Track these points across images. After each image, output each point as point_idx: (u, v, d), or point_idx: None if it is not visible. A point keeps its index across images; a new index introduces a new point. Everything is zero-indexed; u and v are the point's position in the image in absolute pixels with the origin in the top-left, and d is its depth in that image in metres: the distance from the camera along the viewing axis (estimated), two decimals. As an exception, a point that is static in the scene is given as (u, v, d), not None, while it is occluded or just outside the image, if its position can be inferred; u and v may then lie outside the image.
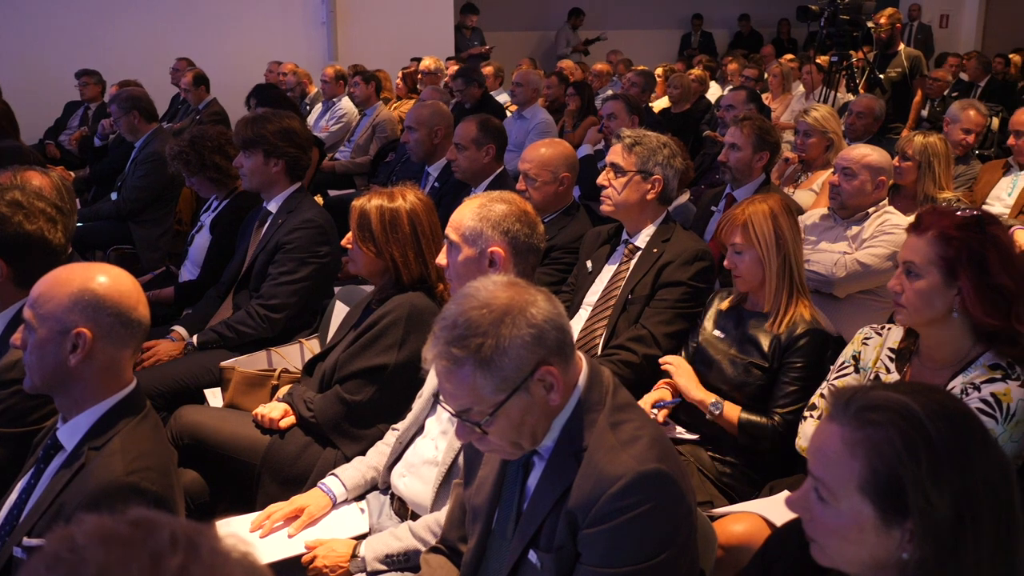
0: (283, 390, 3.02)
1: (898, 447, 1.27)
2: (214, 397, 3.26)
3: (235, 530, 2.41)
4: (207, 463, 2.88)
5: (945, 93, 8.93)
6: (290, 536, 2.42)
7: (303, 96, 9.19)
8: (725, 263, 2.89)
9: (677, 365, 2.89)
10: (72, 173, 6.41)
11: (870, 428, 1.30)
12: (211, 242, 4.13)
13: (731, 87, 8.17)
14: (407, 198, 2.82)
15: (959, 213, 2.24)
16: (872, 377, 2.45)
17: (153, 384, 3.23)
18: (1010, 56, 11.36)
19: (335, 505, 2.52)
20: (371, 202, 2.81)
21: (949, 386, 2.23)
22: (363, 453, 2.68)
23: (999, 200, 4.99)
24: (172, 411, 3.04)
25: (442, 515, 2.18)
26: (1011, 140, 5.02)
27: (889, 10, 7.73)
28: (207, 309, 3.78)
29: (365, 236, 2.79)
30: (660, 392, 2.90)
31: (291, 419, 2.85)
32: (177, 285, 4.16)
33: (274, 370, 3.20)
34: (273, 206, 3.69)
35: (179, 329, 3.62)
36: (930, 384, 2.15)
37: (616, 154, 3.28)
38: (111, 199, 5.68)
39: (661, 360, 2.93)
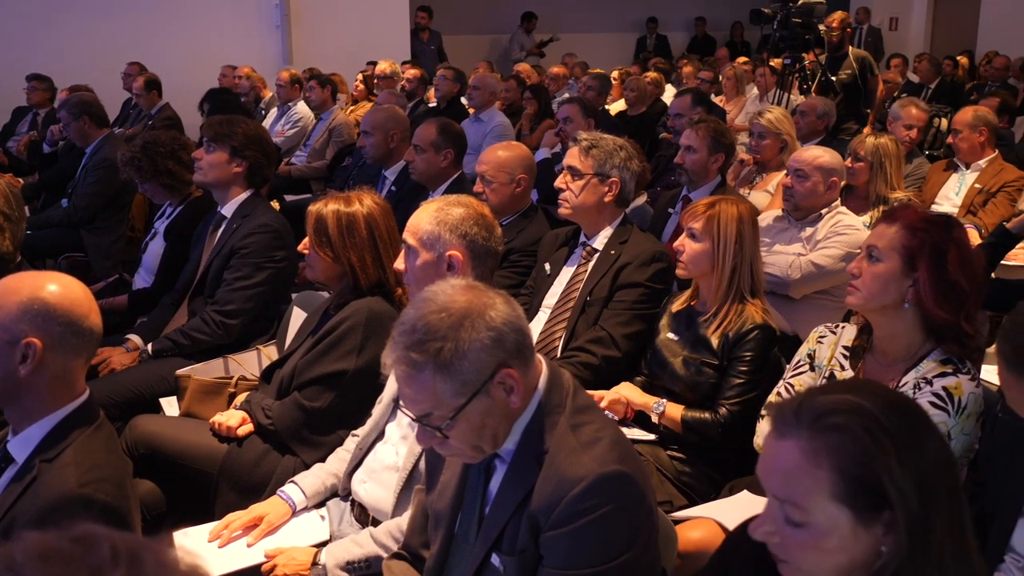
0: (241, 397, 2.98)
1: (866, 443, 1.28)
2: (170, 406, 3.22)
3: (193, 540, 2.38)
4: (164, 473, 2.83)
5: (896, 95, 9.09)
6: (249, 545, 2.39)
7: (257, 100, 9.10)
8: (675, 244, 2.92)
9: (619, 389, 2.92)
10: (20, 180, 6.29)
11: (829, 433, 1.29)
12: (165, 249, 4.07)
13: (679, 91, 8.24)
14: (364, 202, 2.80)
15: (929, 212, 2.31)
16: (827, 375, 2.49)
17: (107, 394, 3.17)
18: (958, 58, 11.62)
19: (295, 513, 2.50)
20: (328, 207, 2.79)
21: (902, 381, 2.28)
22: (323, 460, 2.65)
23: (947, 200, 5.10)
24: (127, 421, 3.00)
25: (404, 521, 2.17)
26: (950, 139, 5.14)
27: (840, 14, 7.85)
28: (162, 317, 3.73)
29: (322, 241, 2.77)
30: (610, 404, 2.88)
31: (249, 427, 2.81)
32: (131, 293, 4.10)
33: (231, 377, 3.16)
34: (228, 211, 3.65)
35: (134, 338, 3.57)
36: (863, 380, 2.20)
37: (573, 157, 3.30)
38: (61, 206, 5.58)
39: (602, 400, 2.89)
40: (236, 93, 8.61)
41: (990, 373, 2.52)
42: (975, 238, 4.22)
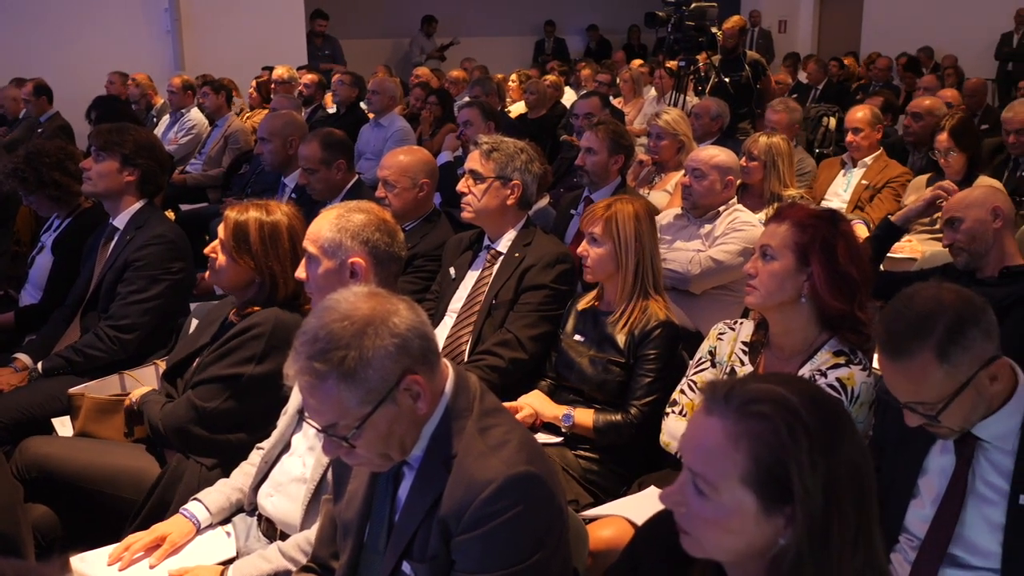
0: (138, 392, 2.88)
1: (783, 436, 1.30)
2: (63, 426, 3.09)
3: (91, 564, 2.29)
4: (59, 497, 2.72)
5: (786, 95, 9.40)
6: (152, 567, 2.30)
7: (148, 108, 8.84)
8: (579, 250, 2.96)
9: (529, 399, 2.94)
10: None
11: (752, 420, 1.32)
12: (54, 263, 3.91)
13: (584, 92, 8.34)
14: (283, 211, 2.75)
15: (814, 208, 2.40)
16: (728, 371, 2.56)
17: (-6, 416, 3.04)
18: (844, 60, 12.09)
19: (199, 531, 2.42)
20: (247, 214, 2.71)
21: (799, 373, 2.35)
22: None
23: (837, 196, 5.29)
24: (17, 444, 2.87)
25: (312, 533, 2.13)
26: (849, 137, 5.32)
27: (737, 19, 8.10)
28: (52, 334, 3.58)
29: (242, 249, 2.69)
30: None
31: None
32: (17, 310, 3.93)
33: (127, 394, 3.05)
34: (120, 222, 3.53)
35: (22, 356, 3.42)
36: (795, 376, 2.26)
37: (474, 161, 3.30)
38: (-62, 221, 5.32)
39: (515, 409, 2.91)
40: (125, 100, 8.37)
41: (881, 362, 2.62)
42: (864, 232, 4.39)
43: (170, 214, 4.81)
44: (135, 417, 2.91)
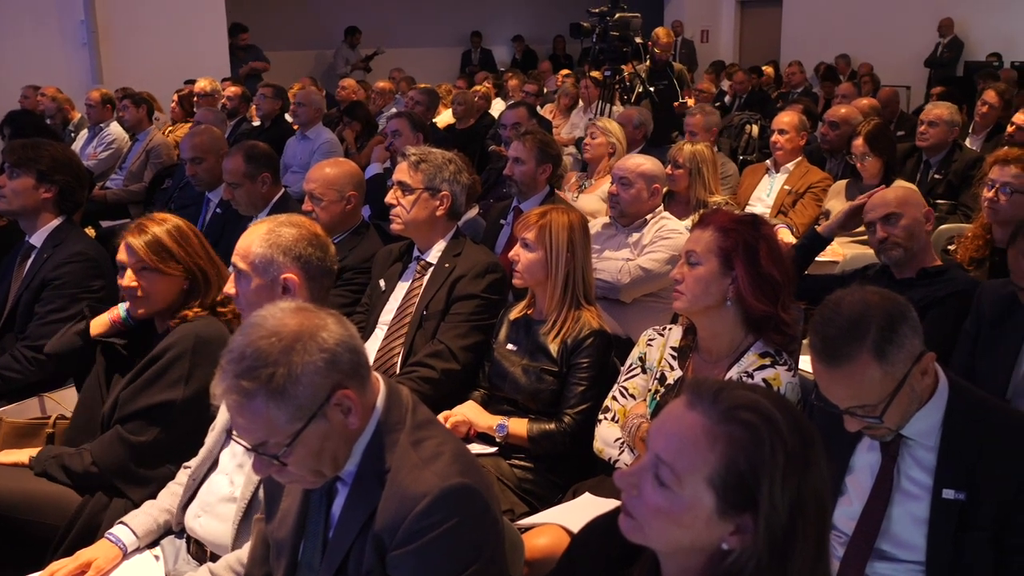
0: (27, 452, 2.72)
1: (764, 449, 1.31)
2: (-20, 453, 2.98)
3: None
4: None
5: (712, 103, 9.57)
6: (76, 595, 2.24)
7: (65, 123, 8.59)
8: (510, 254, 2.97)
9: (463, 410, 2.94)
10: None
11: (736, 425, 1.32)
12: (-33, 283, 3.78)
13: (511, 103, 8.37)
14: (165, 217, 2.72)
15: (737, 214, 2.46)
16: (658, 376, 2.59)
17: (-96, 445, 2.91)
18: (764, 68, 12.38)
19: (126, 555, 2.35)
20: (149, 230, 2.64)
21: (727, 376, 2.39)
22: (153, 497, 2.52)
23: (760, 201, 5.40)
24: (-70, 472, 2.75)
25: (244, 553, 2.09)
26: (774, 137, 5.43)
27: (668, 30, 8.27)
28: (-33, 357, 3.45)
29: (164, 257, 2.62)
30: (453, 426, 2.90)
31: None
32: (-70, 333, 3.78)
33: (48, 417, 2.95)
34: (37, 239, 3.43)
35: (-66, 381, 3.29)
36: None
37: (403, 172, 3.29)
38: None
39: (447, 418, 2.90)
40: (40, 115, 8.13)
41: (806, 363, 2.67)
42: (788, 236, 4.49)
43: (90, 231, 4.68)
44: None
